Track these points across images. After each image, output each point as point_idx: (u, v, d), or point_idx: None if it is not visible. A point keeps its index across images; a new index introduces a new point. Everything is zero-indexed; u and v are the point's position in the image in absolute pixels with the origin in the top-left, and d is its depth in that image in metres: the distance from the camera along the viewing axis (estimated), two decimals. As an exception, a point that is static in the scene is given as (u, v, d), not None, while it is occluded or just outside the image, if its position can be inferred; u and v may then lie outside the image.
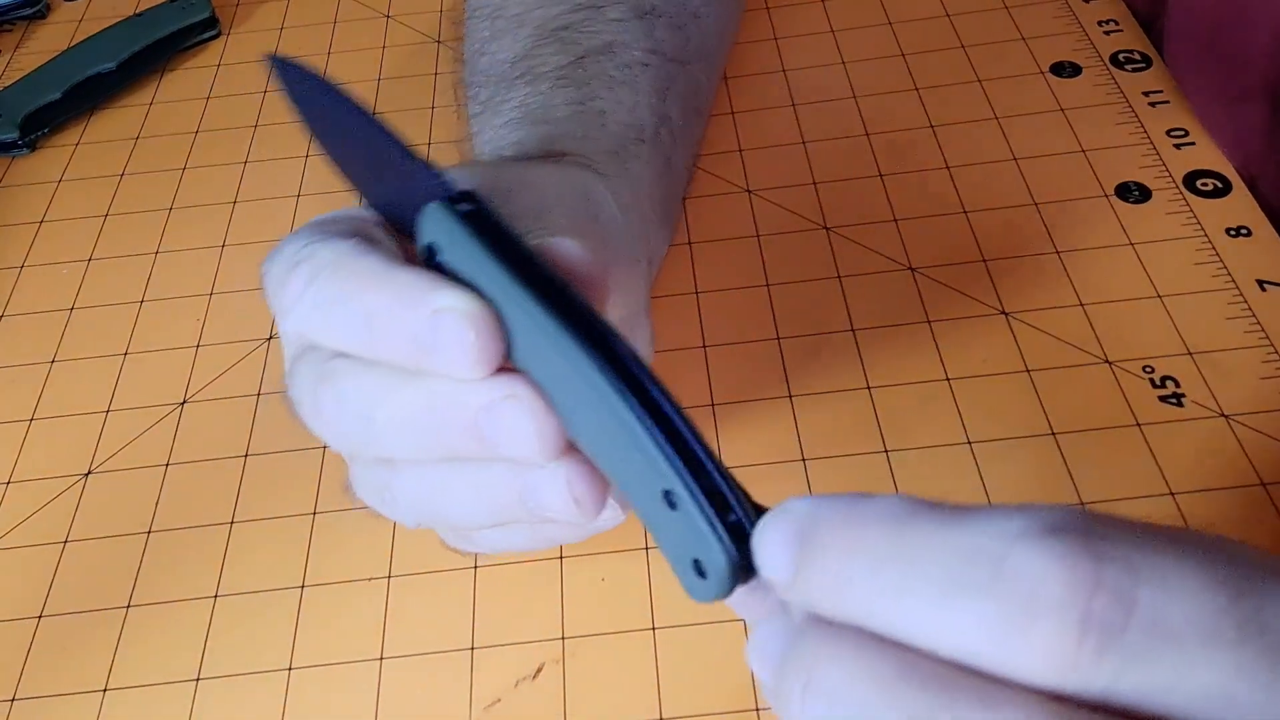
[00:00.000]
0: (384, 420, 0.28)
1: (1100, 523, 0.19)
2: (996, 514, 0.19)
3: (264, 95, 0.60)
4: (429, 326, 0.26)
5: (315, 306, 0.28)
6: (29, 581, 0.41)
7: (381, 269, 0.27)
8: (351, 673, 0.37)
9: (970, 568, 0.18)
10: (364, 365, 0.28)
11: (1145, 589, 0.18)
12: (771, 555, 0.21)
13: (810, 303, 0.46)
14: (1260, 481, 0.39)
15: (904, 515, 0.20)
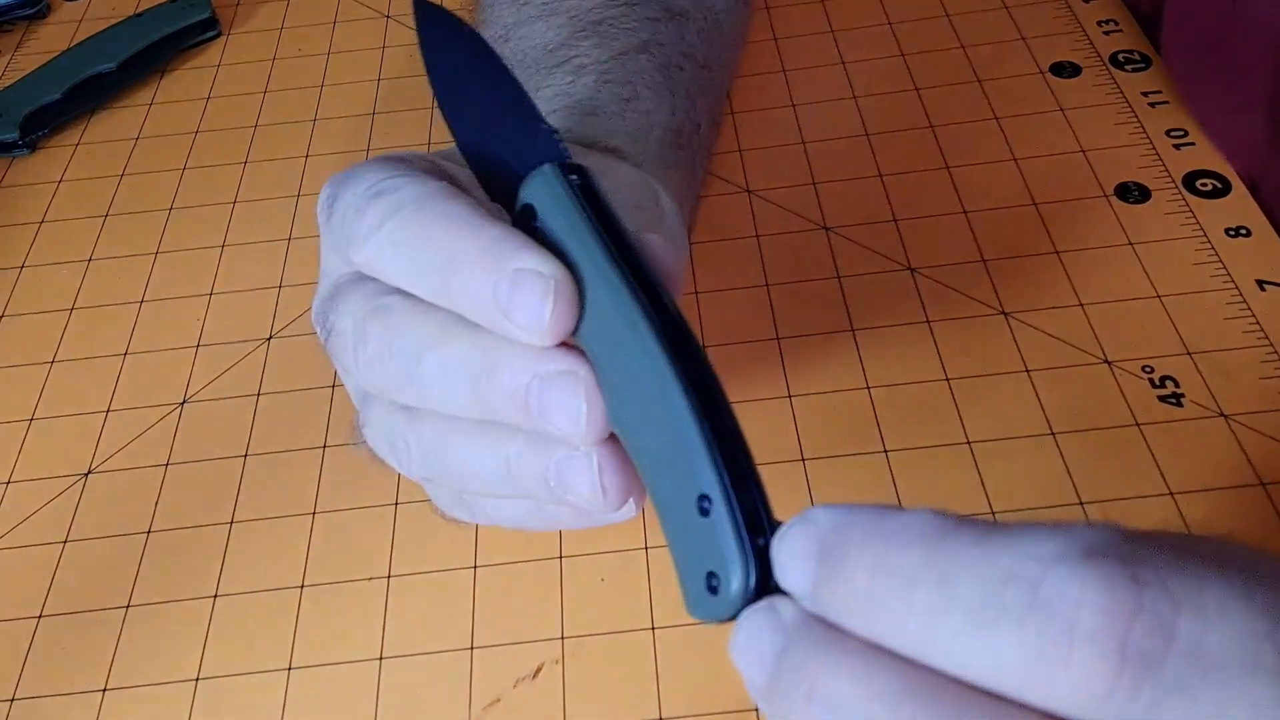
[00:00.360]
0: (432, 366, 0.27)
1: (1138, 544, 0.18)
2: (1032, 534, 0.18)
3: (264, 95, 0.60)
4: (510, 283, 0.26)
5: (394, 242, 0.28)
6: (28, 581, 0.41)
7: (471, 217, 0.27)
8: (351, 672, 0.37)
9: (1006, 592, 0.18)
10: (424, 308, 0.28)
11: (1185, 617, 0.18)
12: (791, 566, 0.21)
13: (810, 303, 0.46)
14: (1259, 481, 0.39)
15: (936, 534, 0.19)
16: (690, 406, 0.24)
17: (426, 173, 0.29)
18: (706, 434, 0.23)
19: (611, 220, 0.27)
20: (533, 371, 0.26)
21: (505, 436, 0.28)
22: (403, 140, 0.56)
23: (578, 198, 0.26)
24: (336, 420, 0.44)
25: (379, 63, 0.61)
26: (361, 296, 0.29)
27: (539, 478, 0.28)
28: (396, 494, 0.42)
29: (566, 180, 0.27)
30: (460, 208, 0.27)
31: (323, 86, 0.60)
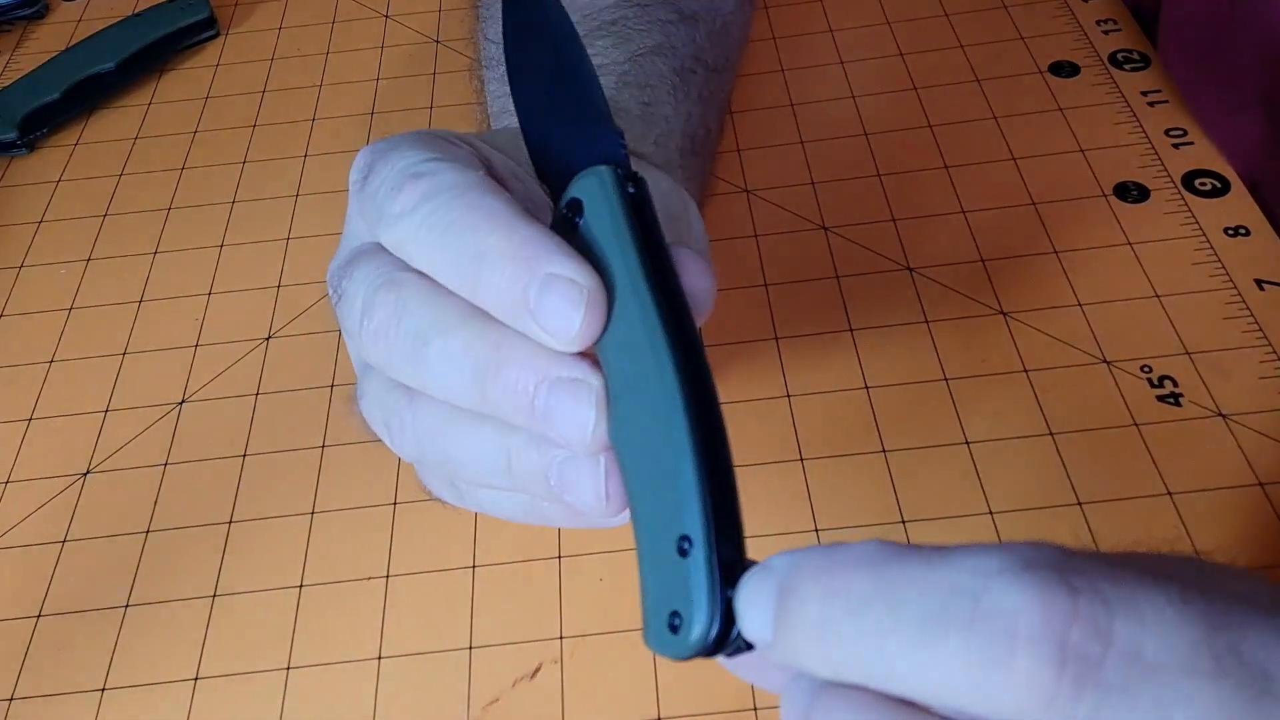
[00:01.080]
0: (437, 350, 0.27)
1: (1076, 556, 0.19)
2: (974, 552, 0.19)
3: (262, 95, 0.60)
4: (540, 286, 0.25)
5: (427, 227, 0.27)
6: (27, 581, 0.41)
7: (508, 213, 0.26)
8: (350, 672, 0.37)
9: (949, 605, 0.18)
10: (439, 290, 0.27)
11: (1121, 621, 0.18)
12: (752, 614, 0.21)
13: (808, 303, 0.46)
14: (1258, 481, 0.39)
15: (883, 559, 0.20)
16: (692, 446, 0.23)
17: (466, 159, 0.29)
18: (702, 476, 0.23)
19: (656, 237, 0.26)
20: (544, 374, 0.26)
21: (507, 429, 0.27)
22: (402, 140, 0.56)
23: (628, 207, 0.26)
24: (336, 420, 0.44)
25: (378, 62, 0.61)
26: (377, 266, 0.29)
27: (539, 475, 0.27)
28: (396, 494, 0.42)
29: (622, 186, 0.26)
30: (499, 203, 0.27)
31: (321, 86, 0.60)
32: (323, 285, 0.49)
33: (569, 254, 0.26)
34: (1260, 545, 0.37)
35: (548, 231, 0.26)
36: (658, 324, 0.25)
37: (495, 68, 0.45)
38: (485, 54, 0.48)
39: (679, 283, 0.26)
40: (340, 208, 0.32)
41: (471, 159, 0.29)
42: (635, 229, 0.26)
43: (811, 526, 0.39)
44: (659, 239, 0.26)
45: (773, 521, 0.39)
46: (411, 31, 0.63)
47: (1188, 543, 0.37)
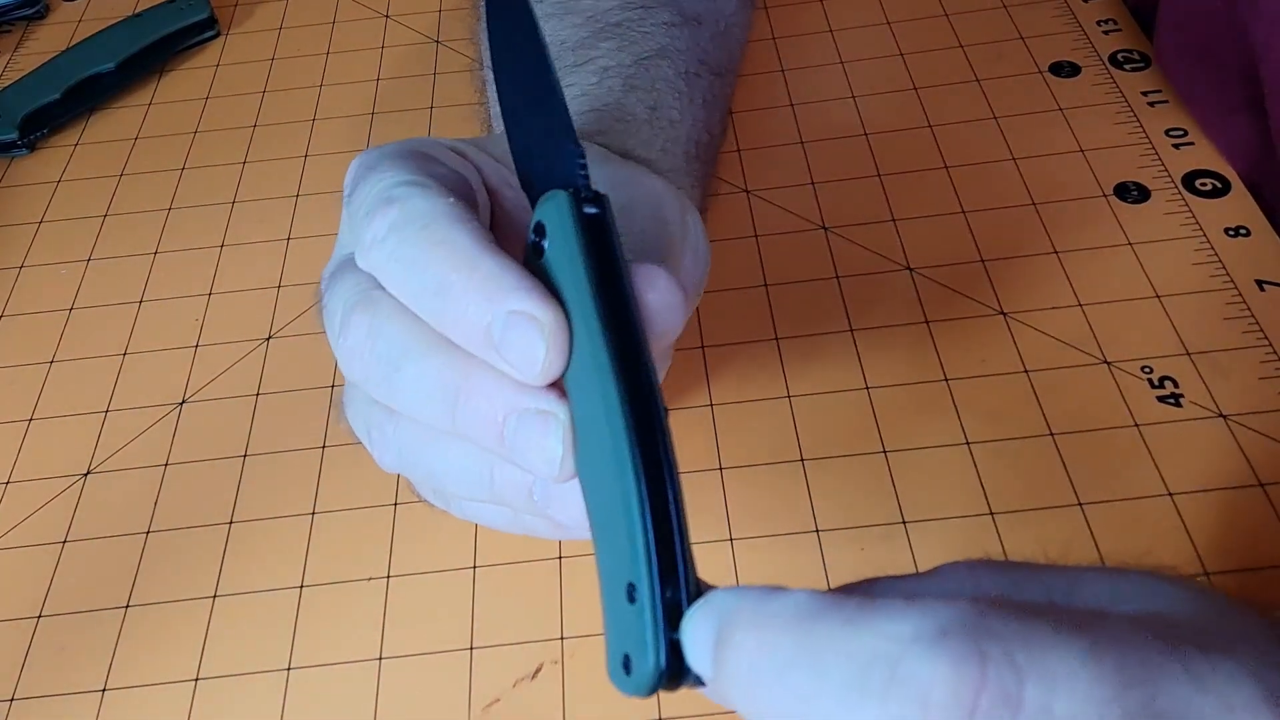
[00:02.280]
0: (410, 375, 0.27)
1: (994, 618, 0.19)
2: (894, 615, 0.20)
3: (263, 95, 0.60)
4: (503, 324, 0.26)
5: (394, 259, 0.27)
6: (28, 581, 0.41)
7: (473, 247, 0.27)
8: (350, 673, 0.37)
9: (869, 672, 0.19)
10: (410, 314, 0.27)
11: (1031, 685, 0.19)
12: (696, 653, 0.22)
13: (808, 303, 0.46)
14: (1258, 482, 0.39)
15: (809, 616, 0.20)
16: (637, 492, 0.23)
17: (442, 181, 0.29)
18: (645, 525, 0.23)
19: (614, 262, 0.26)
20: (512, 405, 0.26)
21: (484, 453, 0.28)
22: (402, 140, 0.56)
23: (583, 234, 0.26)
24: (335, 420, 0.44)
25: (378, 63, 0.61)
26: (354, 283, 0.29)
27: (523, 490, 0.27)
28: (396, 494, 0.42)
29: (577, 212, 0.26)
30: (464, 235, 0.27)
31: (321, 86, 0.60)
32: (323, 285, 0.50)
33: (531, 289, 0.26)
34: (1260, 545, 0.37)
35: (511, 264, 0.26)
36: (607, 365, 0.24)
37: None
38: (486, 57, 0.48)
39: (635, 311, 0.26)
40: (340, 208, 0.32)
41: (451, 179, 0.29)
42: (590, 257, 0.25)
43: (812, 526, 0.39)
44: (616, 263, 0.26)
45: (773, 521, 0.39)
46: (411, 31, 0.63)
47: (1188, 543, 0.37)
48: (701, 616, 0.22)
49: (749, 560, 0.38)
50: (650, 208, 0.32)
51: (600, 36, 0.43)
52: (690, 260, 0.32)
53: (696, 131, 0.42)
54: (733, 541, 0.39)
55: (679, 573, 0.23)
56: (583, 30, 0.43)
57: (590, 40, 0.43)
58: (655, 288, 0.26)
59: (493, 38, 0.31)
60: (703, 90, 0.43)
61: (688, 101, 0.42)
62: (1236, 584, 0.36)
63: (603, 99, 0.40)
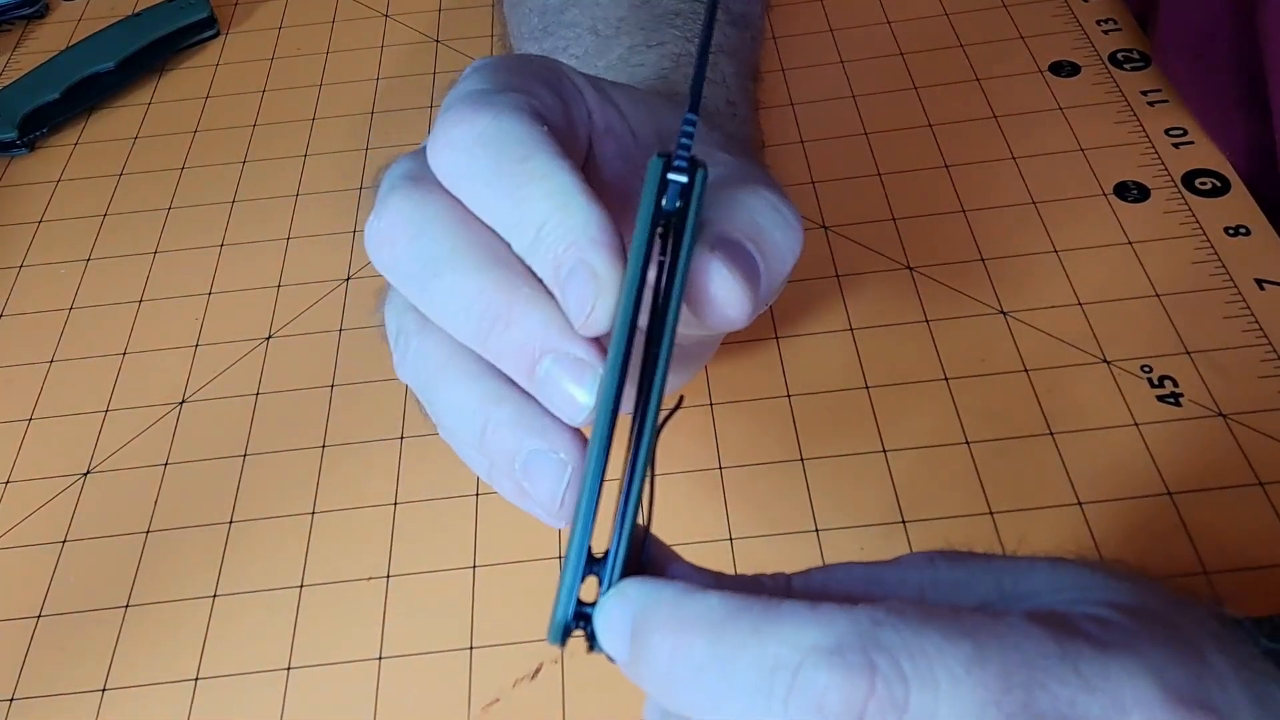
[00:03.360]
0: (450, 285, 0.26)
1: (886, 628, 0.21)
2: (797, 623, 0.21)
3: (262, 95, 0.60)
4: (570, 267, 0.25)
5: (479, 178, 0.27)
6: (28, 581, 0.41)
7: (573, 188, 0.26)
8: (350, 672, 0.37)
9: (773, 677, 0.21)
10: (466, 218, 0.27)
11: (915, 692, 0.20)
12: (610, 639, 0.23)
13: (808, 302, 0.46)
14: (1258, 481, 0.39)
15: (721, 620, 0.22)
16: (595, 462, 0.24)
17: (544, 109, 0.28)
18: (592, 493, 0.24)
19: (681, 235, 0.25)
20: (552, 345, 0.26)
21: (495, 398, 0.27)
22: (402, 140, 0.56)
23: (655, 206, 0.25)
24: (336, 420, 0.44)
25: (378, 62, 0.61)
26: (406, 167, 0.28)
27: (507, 455, 0.27)
28: (396, 494, 0.42)
29: (660, 176, 0.25)
30: (566, 175, 0.26)
31: (321, 86, 0.60)
32: (323, 284, 0.50)
33: (609, 244, 0.25)
34: (1260, 545, 0.37)
35: (603, 213, 0.26)
36: (622, 338, 0.24)
37: (545, 39, 0.44)
38: (525, 28, 0.47)
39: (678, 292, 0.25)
40: (340, 207, 0.32)
41: (554, 109, 0.28)
42: (652, 224, 0.25)
43: (812, 526, 0.39)
44: (681, 237, 0.25)
45: (773, 521, 0.39)
46: (411, 31, 0.63)
47: (1188, 543, 0.37)
48: (613, 605, 0.23)
49: (749, 560, 0.38)
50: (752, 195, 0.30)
51: (664, 22, 0.42)
52: (776, 259, 0.30)
53: (757, 132, 0.41)
54: (732, 541, 0.39)
55: (612, 550, 0.24)
56: (642, 12, 0.42)
57: (656, 24, 0.42)
58: (712, 277, 0.26)
59: None
60: (752, 93, 0.43)
61: (749, 102, 0.41)
62: (1236, 584, 0.36)
63: (680, 86, 0.39)
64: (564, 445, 0.26)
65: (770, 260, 0.28)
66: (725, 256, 0.26)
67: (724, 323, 0.27)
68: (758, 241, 0.28)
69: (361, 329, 0.47)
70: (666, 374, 0.25)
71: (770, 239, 0.28)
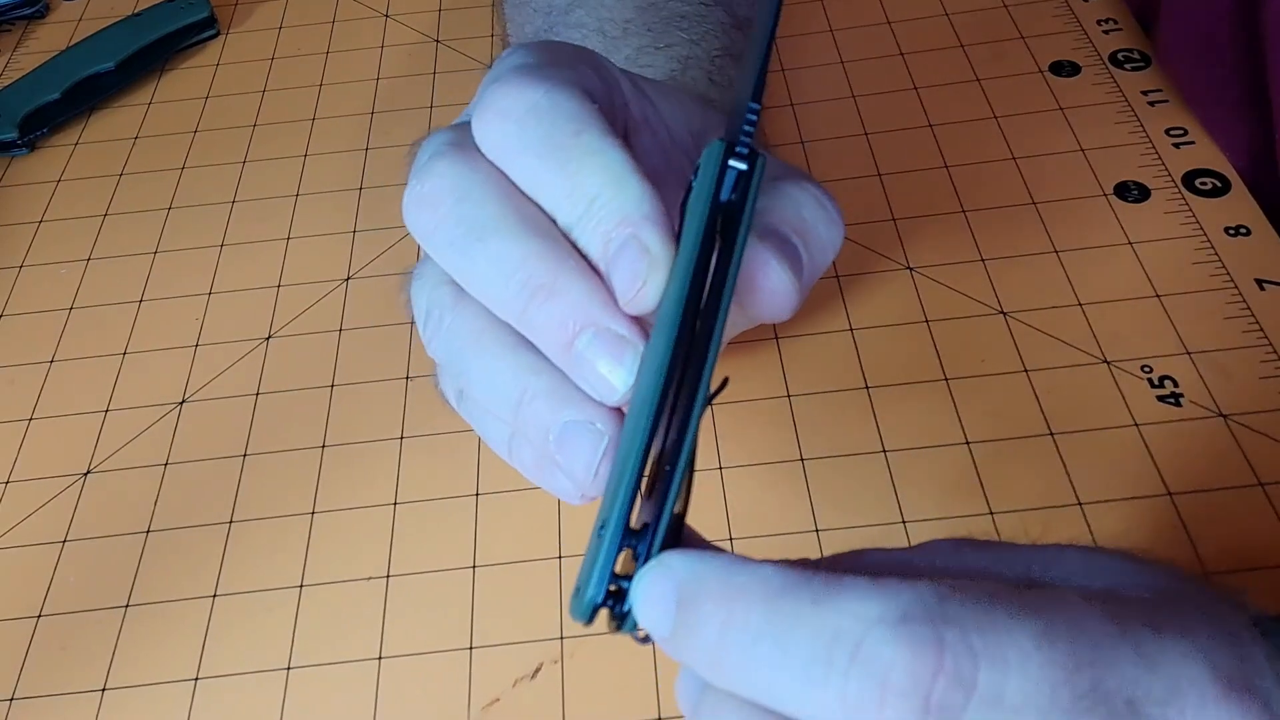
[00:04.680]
0: (493, 251, 0.26)
1: (953, 603, 0.20)
2: (859, 595, 0.20)
3: (262, 95, 0.60)
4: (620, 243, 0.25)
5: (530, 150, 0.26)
6: (28, 581, 0.41)
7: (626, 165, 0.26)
8: (350, 672, 0.37)
9: (833, 649, 0.20)
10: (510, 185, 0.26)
11: (985, 669, 0.20)
12: (649, 613, 0.22)
13: (809, 303, 0.46)
14: (1258, 481, 0.39)
15: (778, 591, 0.21)
16: (640, 443, 0.23)
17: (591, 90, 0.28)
18: (634, 471, 0.23)
19: (735, 224, 0.25)
20: (593, 319, 0.25)
21: (532, 370, 0.27)
22: (402, 139, 0.56)
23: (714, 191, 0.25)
24: (336, 420, 0.44)
25: (378, 62, 0.61)
26: (450, 135, 0.27)
27: (542, 427, 0.27)
28: (396, 494, 0.42)
29: (722, 161, 0.25)
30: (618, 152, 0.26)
31: (321, 86, 0.60)
32: (323, 284, 0.50)
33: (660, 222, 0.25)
34: (1261, 545, 0.37)
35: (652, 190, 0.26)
36: (672, 315, 0.24)
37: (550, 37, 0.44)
38: (529, 29, 0.47)
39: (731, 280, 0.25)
40: (340, 207, 0.32)
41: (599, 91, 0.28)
42: (712, 210, 0.25)
43: (812, 526, 0.39)
44: (736, 226, 0.25)
45: (773, 521, 0.39)
46: (411, 31, 0.63)
47: (1188, 543, 0.37)
48: (656, 578, 0.22)
49: (749, 560, 0.38)
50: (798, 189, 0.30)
51: (670, 25, 0.42)
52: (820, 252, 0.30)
53: (762, 135, 0.41)
54: (732, 541, 0.39)
55: (655, 525, 0.23)
56: (651, 15, 0.42)
57: (663, 26, 0.42)
58: (761, 270, 0.26)
59: None
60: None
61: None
62: (1236, 584, 0.36)
63: (691, 88, 0.39)
64: (600, 416, 0.26)
65: (814, 254, 0.28)
66: (776, 248, 0.26)
67: (770, 313, 0.26)
68: (804, 235, 0.28)
69: (362, 329, 0.47)
70: (716, 360, 0.24)
71: (815, 233, 0.28)
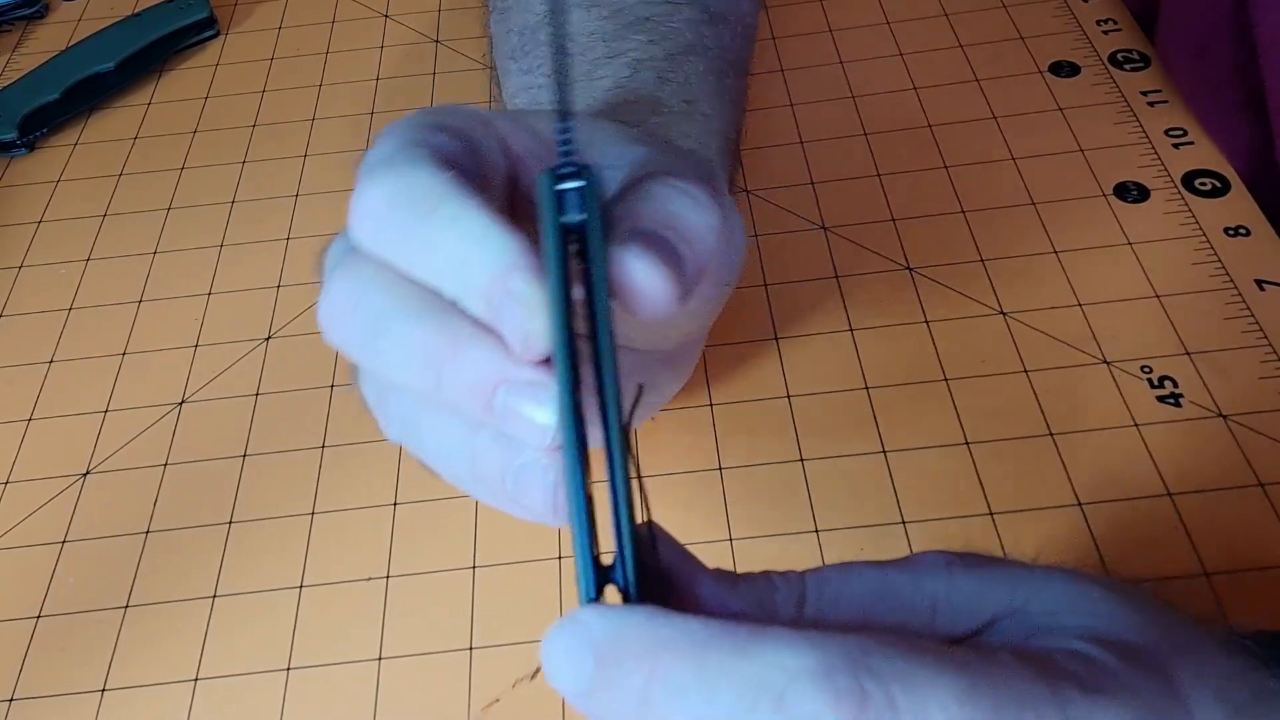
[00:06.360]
0: (394, 341, 0.27)
1: (878, 656, 0.21)
2: (784, 646, 0.21)
3: (262, 95, 0.60)
4: (502, 295, 0.25)
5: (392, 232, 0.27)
6: (27, 581, 0.41)
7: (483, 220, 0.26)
8: (350, 673, 0.37)
9: (757, 701, 0.20)
10: (392, 277, 0.27)
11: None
12: (560, 671, 0.22)
13: (808, 303, 0.46)
14: (1258, 482, 0.39)
15: (703, 643, 0.21)
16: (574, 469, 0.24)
17: (446, 153, 0.28)
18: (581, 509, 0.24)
19: (588, 238, 0.25)
20: (502, 375, 0.26)
21: (473, 427, 0.27)
22: (401, 140, 0.56)
23: (555, 221, 0.25)
24: (336, 420, 0.44)
25: (377, 62, 0.61)
26: (341, 246, 0.28)
27: (498, 474, 0.27)
28: (396, 494, 0.42)
29: (548, 190, 0.25)
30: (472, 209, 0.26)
31: (321, 86, 0.60)
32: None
33: (534, 266, 0.25)
34: (1260, 545, 0.37)
35: (515, 235, 0.26)
36: (562, 347, 0.24)
37: (523, 58, 0.44)
38: (505, 46, 0.47)
39: (599, 297, 0.25)
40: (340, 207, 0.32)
41: (453, 150, 0.29)
42: (556, 239, 0.25)
43: (812, 527, 0.39)
44: (590, 240, 0.25)
45: (773, 521, 0.39)
46: (411, 31, 0.63)
47: (1187, 543, 0.37)
48: (570, 634, 0.22)
49: (749, 560, 0.38)
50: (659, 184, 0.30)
51: (630, 29, 0.42)
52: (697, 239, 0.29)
53: (726, 128, 0.41)
54: (732, 541, 0.39)
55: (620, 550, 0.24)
56: (609, 23, 0.43)
57: (621, 33, 0.42)
58: (630, 271, 0.26)
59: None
60: (729, 89, 0.43)
61: (718, 98, 0.41)
62: (1236, 584, 0.36)
63: (637, 90, 0.40)
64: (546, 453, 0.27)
65: (691, 242, 0.28)
66: (640, 246, 0.26)
67: (657, 309, 0.26)
68: (673, 227, 0.28)
69: (361, 329, 0.47)
70: (617, 374, 0.24)
71: (684, 221, 0.28)
